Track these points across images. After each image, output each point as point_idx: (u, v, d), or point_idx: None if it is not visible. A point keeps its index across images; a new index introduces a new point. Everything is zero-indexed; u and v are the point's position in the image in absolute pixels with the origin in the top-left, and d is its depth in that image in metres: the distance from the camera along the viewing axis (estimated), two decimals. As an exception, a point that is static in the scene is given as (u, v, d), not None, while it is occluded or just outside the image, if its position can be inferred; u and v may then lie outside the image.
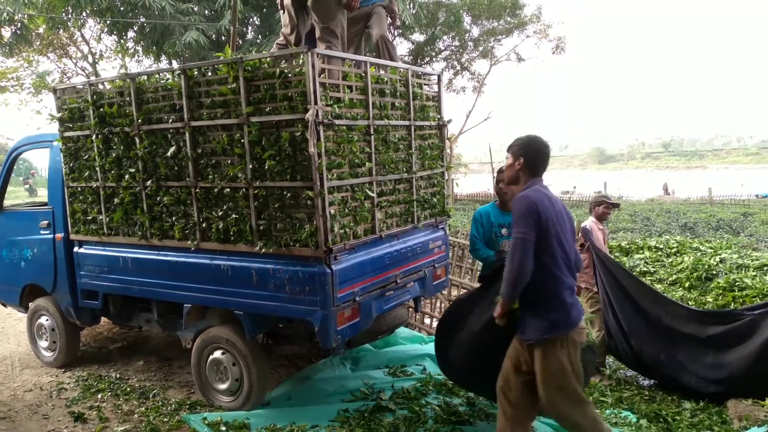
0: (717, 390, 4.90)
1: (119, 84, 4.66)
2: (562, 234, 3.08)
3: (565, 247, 3.09)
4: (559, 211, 3.11)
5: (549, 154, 3.29)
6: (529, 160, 3.21)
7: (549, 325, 3.02)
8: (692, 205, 25.19)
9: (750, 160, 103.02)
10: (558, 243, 3.04)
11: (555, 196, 3.20)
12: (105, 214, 4.86)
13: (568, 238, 3.14)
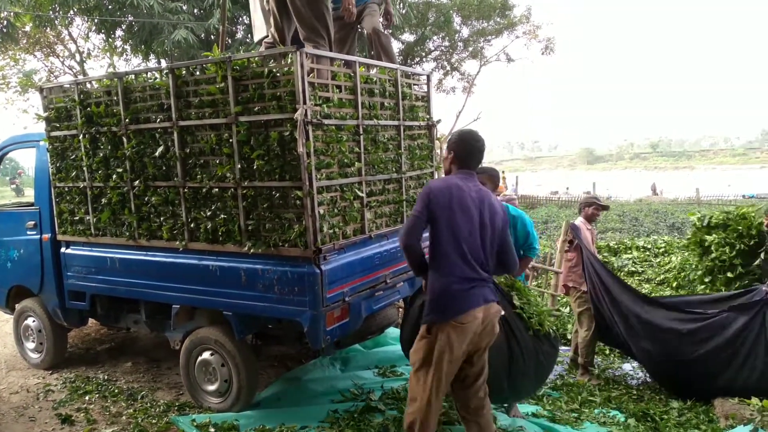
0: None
1: (107, 83, 4.63)
2: (463, 226, 3.08)
3: (461, 239, 3.07)
4: (468, 205, 3.11)
5: (480, 149, 3.31)
6: (459, 154, 3.31)
7: (429, 308, 3.12)
8: (680, 206, 25.39)
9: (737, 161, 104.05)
10: (452, 233, 3.07)
11: (481, 191, 3.22)
12: (92, 214, 4.82)
13: (474, 232, 3.11)
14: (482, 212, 3.17)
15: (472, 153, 3.30)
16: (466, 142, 3.31)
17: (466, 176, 3.26)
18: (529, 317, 3.82)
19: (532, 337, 3.78)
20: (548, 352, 3.88)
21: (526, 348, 3.73)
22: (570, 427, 4.23)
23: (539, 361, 3.80)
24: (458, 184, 3.18)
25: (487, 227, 3.17)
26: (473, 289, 3.07)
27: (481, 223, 3.15)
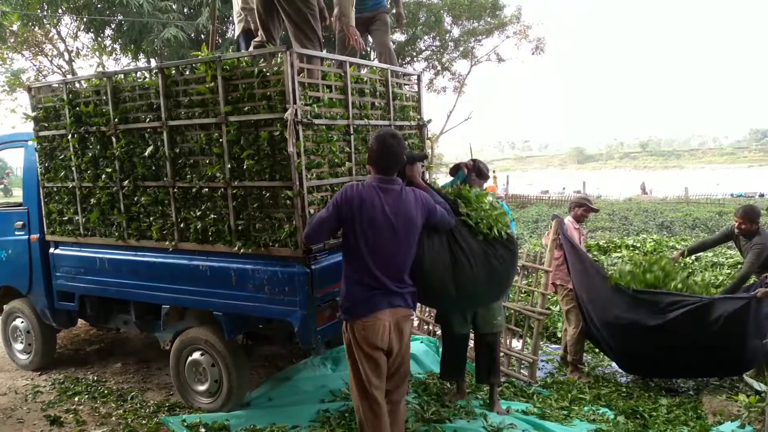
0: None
1: (96, 83, 4.60)
2: (372, 240, 3.09)
3: (368, 252, 3.09)
4: (378, 219, 3.08)
5: (394, 150, 3.17)
6: (372, 156, 3.23)
7: (341, 308, 3.27)
8: (669, 204, 25.59)
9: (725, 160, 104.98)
10: (359, 245, 3.10)
11: (398, 201, 3.13)
12: (81, 214, 4.80)
13: (383, 246, 3.11)
14: (395, 226, 3.12)
15: (386, 155, 3.17)
16: (379, 142, 3.18)
17: (383, 182, 3.17)
18: (477, 222, 3.74)
19: (482, 242, 3.70)
20: (503, 255, 3.77)
21: (473, 254, 3.64)
22: (560, 424, 4.25)
23: (492, 265, 3.69)
24: (371, 194, 3.11)
25: (402, 240, 3.15)
26: (376, 296, 3.13)
27: (393, 236, 3.12)
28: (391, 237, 3.12)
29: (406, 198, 3.19)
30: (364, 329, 3.13)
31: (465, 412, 4.20)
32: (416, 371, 5.13)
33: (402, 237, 3.15)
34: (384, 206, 3.10)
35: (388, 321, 3.14)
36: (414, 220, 3.19)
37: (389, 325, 3.15)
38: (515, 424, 4.02)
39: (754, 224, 5.20)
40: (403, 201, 3.17)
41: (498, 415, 4.21)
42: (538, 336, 5.62)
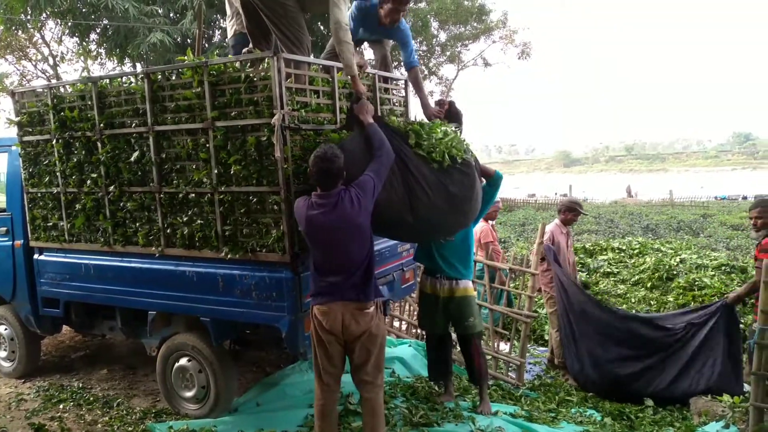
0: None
1: (81, 87, 4.57)
2: (318, 243, 3.40)
3: (317, 256, 3.43)
4: (317, 234, 3.37)
5: (325, 169, 3.33)
6: (309, 173, 3.49)
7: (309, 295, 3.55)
8: (654, 207, 25.84)
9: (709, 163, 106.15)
10: (312, 247, 3.45)
11: (331, 217, 3.32)
12: (66, 220, 4.76)
13: (328, 246, 3.38)
14: (335, 235, 3.36)
15: (318, 175, 3.36)
16: (312, 164, 3.38)
17: (320, 198, 3.37)
18: (429, 152, 3.79)
19: (436, 170, 3.76)
20: (460, 180, 3.82)
21: (429, 183, 3.71)
22: (547, 426, 4.28)
23: (450, 192, 3.76)
24: (311, 210, 3.35)
25: (346, 243, 3.38)
26: (330, 287, 3.40)
27: (336, 242, 3.38)
28: (334, 243, 3.38)
29: (342, 206, 3.34)
30: (319, 314, 3.40)
31: (453, 415, 4.21)
32: (405, 375, 5.14)
33: (346, 240, 3.38)
34: (322, 219, 3.33)
35: (340, 312, 3.37)
36: (355, 220, 3.37)
37: (341, 316, 3.37)
38: (503, 426, 4.04)
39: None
40: (338, 210, 3.34)
41: (485, 416, 4.23)
42: (526, 339, 5.66)
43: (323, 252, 3.41)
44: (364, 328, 3.42)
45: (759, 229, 4.84)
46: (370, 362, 3.50)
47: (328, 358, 3.47)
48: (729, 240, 13.80)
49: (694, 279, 7.58)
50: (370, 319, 3.45)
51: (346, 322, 3.38)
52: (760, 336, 4.09)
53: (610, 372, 5.37)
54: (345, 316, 3.38)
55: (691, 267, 8.18)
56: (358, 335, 3.41)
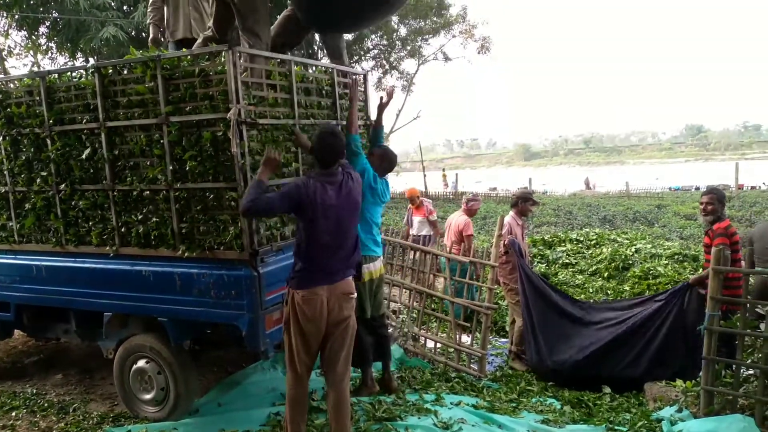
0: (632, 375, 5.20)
1: (28, 82, 4.41)
2: (326, 221, 3.36)
3: (321, 241, 3.38)
4: (327, 212, 3.35)
5: (335, 146, 3.46)
6: (314, 152, 3.55)
7: (287, 281, 3.49)
8: (611, 199, 26.43)
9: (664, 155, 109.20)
10: (311, 236, 3.38)
11: (341, 192, 3.42)
12: (15, 220, 4.59)
13: (333, 225, 3.38)
14: (341, 213, 3.42)
15: (326, 152, 3.44)
16: (319, 140, 3.46)
17: (327, 176, 3.43)
18: None
19: None
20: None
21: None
22: (509, 416, 4.34)
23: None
24: (322, 188, 3.36)
25: (349, 223, 3.50)
26: (326, 271, 3.41)
27: (341, 221, 3.43)
28: (343, 223, 3.43)
29: (348, 183, 3.49)
30: (302, 302, 3.36)
31: (416, 408, 4.23)
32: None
33: (352, 218, 3.52)
34: (335, 200, 3.38)
35: (326, 297, 3.37)
36: (357, 198, 3.57)
37: (326, 301, 3.37)
38: (465, 418, 4.07)
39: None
40: (345, 188, 3.47)
41: (447, 408, 4.26)
42: (487, 330, 5.73)
43: (332, 233, 3.40)
44: (347, 314, 3.47)
45: (707, 214, 5.02)
46: (343, 353, 3.51)
47: (307, 348, 3.44)
48: (682, 229, 14.23)
49: (648, 268, 7.81)
50: (353, 307, 3.52)
51: (331, 306, 3.39)
52: (709, 321, 4.23)
53: (569, 359, 5.48)
54: (330, 301, 3.39)
55: (645, 256, 8.41)
56: (339, 321, 3.43)
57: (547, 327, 5.71)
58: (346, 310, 3.46)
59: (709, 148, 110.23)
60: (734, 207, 18.68)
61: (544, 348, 5.65)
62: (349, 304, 3.49)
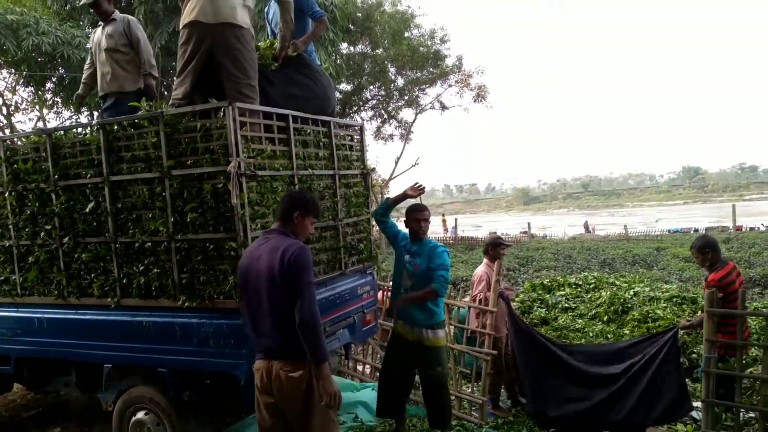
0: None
1: (35, 139, 4.56)
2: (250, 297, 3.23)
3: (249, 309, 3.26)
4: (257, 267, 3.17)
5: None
6: None
7: None
8: (610, 242, 26.46)
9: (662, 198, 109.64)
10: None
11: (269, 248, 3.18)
12: (18, 273, 4.67)
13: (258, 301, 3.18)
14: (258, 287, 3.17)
15: (282, 203, 3.40)
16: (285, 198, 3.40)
17: (263, 237, 3.31)
18: None
19: None
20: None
21: None
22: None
23: None
24: (248, 251, 3.31)
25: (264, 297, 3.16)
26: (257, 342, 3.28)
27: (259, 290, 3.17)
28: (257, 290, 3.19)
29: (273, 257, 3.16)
30: (256, 375, 3.28)
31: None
32: (368, 419, 5.11)
33: (264, 295, 3.17)
34: (259, 261, 3.18)
35: (263, 369, 3.22)
36: (272, 276, 3.12)
37: (263, 374, 3.21)
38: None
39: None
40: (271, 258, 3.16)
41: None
42: (487, 377, 5.71)
43: (255, 305, 3.32)
44: (295, 396, 3.20)
45: (701, 265, 5.10)
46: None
47: (261, 416, 3.35)
48: (681, 272, 14.24)
49: (647, 311, 7.81)
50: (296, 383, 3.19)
51: (277, 384, 3.20)
52: (705, 364, 4.25)
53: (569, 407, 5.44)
54: (266, 375, 3.24)
55: (644, 299, 8.41)
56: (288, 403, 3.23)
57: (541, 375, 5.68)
58: (285, 385, 3.17)
59: (707, 190, 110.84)
60: (733, 248, 18.72)
61: (542, 397, 5.62)
62: (290, 380, 3.15)
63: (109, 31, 5.15)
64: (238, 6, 4.22)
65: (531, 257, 19.26)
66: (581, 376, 5.48)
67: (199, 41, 4.13)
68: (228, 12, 4.13)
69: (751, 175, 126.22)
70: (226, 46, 4.12)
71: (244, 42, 4.19)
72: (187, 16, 4.14)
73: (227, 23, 4.11)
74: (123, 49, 5.09)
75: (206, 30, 4.10)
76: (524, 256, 19.47)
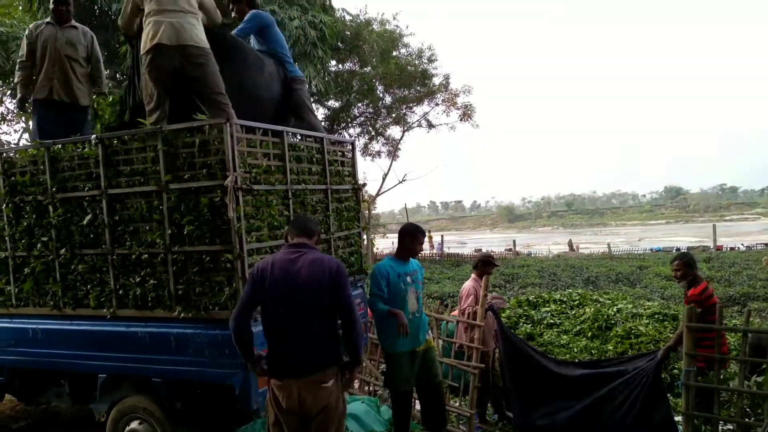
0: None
1: (33, 152, 4.63)
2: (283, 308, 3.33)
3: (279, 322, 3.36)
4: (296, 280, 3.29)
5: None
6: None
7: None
8: (594, 260, 26.76)
9: (644, 217, 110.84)
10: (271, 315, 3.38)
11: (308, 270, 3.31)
12: (14, 284, 4.71)
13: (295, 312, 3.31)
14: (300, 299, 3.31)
15: (295, 222, 3.57)
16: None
17: (293, 250, 3.41)
18: None
19: None
20: None
21: None
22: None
23: None
24: (280, 263, 3.35)
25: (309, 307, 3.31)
26: (282, 363, 3.35)
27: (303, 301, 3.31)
28: (303, 303, 3.32)
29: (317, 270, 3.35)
30: (274, 389, 3.36)
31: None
32: (358, 431, 5.17)
33: (309, 305, 3.32)
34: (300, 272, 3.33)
35: (296, 387, 3.30)
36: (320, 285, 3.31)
37: (297, 391, 3.29)
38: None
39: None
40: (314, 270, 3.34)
41: None
42: (474, 390, 5.80)
43: (290, 315, 3.42)
44: (327, 406, 3.37)
45: (679, 279, 5.27)
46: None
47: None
48: (663, 290, 14.50)
49: (630, 327, 7.98)
50: (327, 393, 3.38)
51: (303, 397, 3.32)
52: (685, 377, 4.39)
53: (558, 416, 5.54)
54: (300, 391, 3.32)
55: (627, 316, 8.60)
56: (315, 415, 3.36)
57: (529, 386, 5.79)
58: (319, 398, 3.33)
59: (688, 210, 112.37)
60: (714, 268, 19.06)
61: (529, 407, 5.73)
62: (323, 391, 3.33)
63: (70, 38, 5.15)
64: (195, 24, 4.27)
65: (516, 274, 19.47)
66: (569, 385, 5.58)
67: (167, 64, 4.19)
68: (189, 33, 4.18)
69: (732, 195, 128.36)
70: (194, 65, 4.21)
71: (208, 57, 4.26)
72: (149, 41, 4.17)
73: (189, 45, 4.17)
74: (83, 62, 5.15)
75: (172, 51, 4.15)
76: (510, 273, 19.67)
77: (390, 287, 4.52)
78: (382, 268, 4.58)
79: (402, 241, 4.75)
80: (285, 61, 5.14)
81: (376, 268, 4.59)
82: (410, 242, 4.72)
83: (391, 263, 4.65)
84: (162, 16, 4.15)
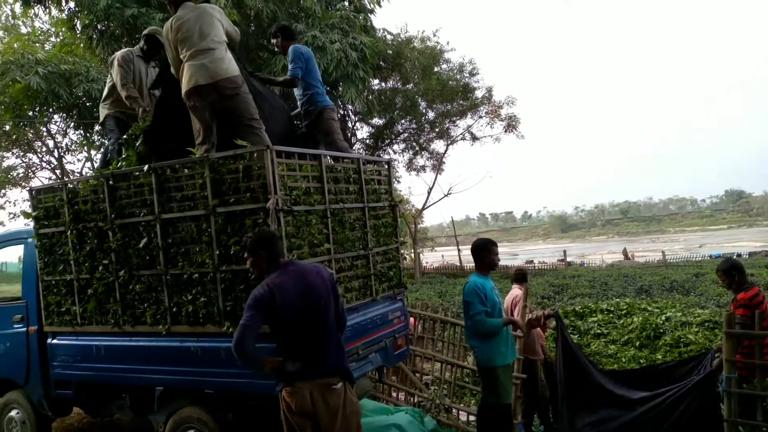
0: None
1: (93, 183, 5.03)
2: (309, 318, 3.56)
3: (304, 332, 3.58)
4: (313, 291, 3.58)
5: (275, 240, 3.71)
6: (269, 251, 3.66)
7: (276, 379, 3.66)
8: (649, 269, 26.08)
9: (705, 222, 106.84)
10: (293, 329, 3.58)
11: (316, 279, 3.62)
12: (79, 305, 5.10)
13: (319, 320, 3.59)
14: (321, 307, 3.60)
15: (275, 245, 3.68)
16: (266, 239, 3.65)
17: (289, 268, 3.63)
18: None
19: None
20: None
21: None
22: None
23: None
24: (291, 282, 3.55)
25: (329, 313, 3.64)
26: (305, 366, 3.55)
27: (325, 306, 3.61)
28: (325, 307, 3.62)
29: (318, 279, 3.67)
30: (286, 397, 3.55)
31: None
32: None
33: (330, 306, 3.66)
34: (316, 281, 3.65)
35: (308, 389, 3.51)
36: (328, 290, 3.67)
37: (309, 394, 3.50)
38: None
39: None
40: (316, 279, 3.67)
41: None
42: (518, 399, 5.87)
43: (314, 323, 3.65)
44: (341, 411, 3.58)
45: (728, 287, 5.22)
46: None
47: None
48: (719, 297, 14.05)
49: (679, 336, 7.85)
50: (338, 397, 3.59)
51: (327, 405, 3.53)
52: (727, 384, 4.37)
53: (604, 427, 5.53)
54: (315, 396, 3.52)
55: (676, 324, 8.45)
56: (328, 416, 3.54)
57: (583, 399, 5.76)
58: (330, 402, 3.54)
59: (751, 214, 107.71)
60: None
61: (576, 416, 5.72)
62: (334, 394, 3.56)
63: (151, 75, 5.60)
64: (225, 55, 4.68)
65: (566, 284, 19.20)
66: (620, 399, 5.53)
67: (207, 102, 4.62)
68: (220, 68, 4.59)
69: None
70: (227, 96, 4.63)
71: (242, 87, 4.70)
72: (188, 83, 4.60)
73: (221, 80, 4.58)
74: None
75: (207, 89, 4.57)
76: (559, 284, 19.42)
77: (488, 302, 4.68)
78: (478, 285, 4.75)
79: (477, 256, 4.92)
80: (315, 92, 5.46)
81: (473, 287, 4.76)
82: (486, 255, 4.89)
83: (480, 280, 4.82)
84: (195, 60, 4.57)
